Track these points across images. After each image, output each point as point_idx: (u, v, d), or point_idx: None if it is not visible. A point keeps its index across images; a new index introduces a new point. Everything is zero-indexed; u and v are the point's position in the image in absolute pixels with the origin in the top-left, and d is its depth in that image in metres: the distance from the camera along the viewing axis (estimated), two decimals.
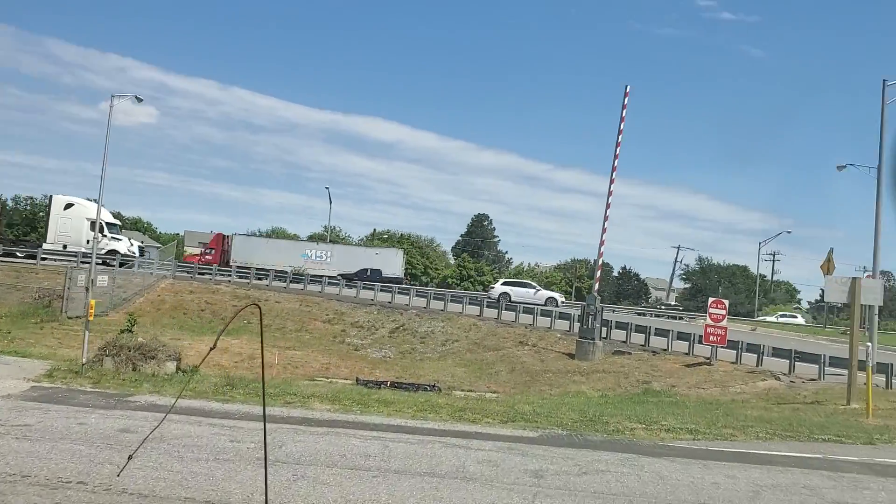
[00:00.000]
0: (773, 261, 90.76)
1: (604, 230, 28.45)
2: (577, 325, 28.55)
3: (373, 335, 31.73)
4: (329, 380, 22.87)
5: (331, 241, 65.07)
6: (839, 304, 40.07)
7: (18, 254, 43.26)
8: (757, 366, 22.92)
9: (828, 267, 34.81)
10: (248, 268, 43.85)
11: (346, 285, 39.80)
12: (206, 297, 37.32)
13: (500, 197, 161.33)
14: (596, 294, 27.92)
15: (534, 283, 49.47)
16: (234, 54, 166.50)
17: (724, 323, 23.41)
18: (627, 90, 28.32)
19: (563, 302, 45.11)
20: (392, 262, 50.99)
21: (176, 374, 14.48)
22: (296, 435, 9.28)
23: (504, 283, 46.34)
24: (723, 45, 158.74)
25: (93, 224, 40.26)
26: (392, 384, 22.04)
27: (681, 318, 51.69)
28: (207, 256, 51.00)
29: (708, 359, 23.70)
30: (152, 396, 11.88)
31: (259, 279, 41.58)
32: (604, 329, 27.77)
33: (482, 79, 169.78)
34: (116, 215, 58.11)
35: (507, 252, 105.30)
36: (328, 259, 51.18)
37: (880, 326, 66.55)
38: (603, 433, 11.21)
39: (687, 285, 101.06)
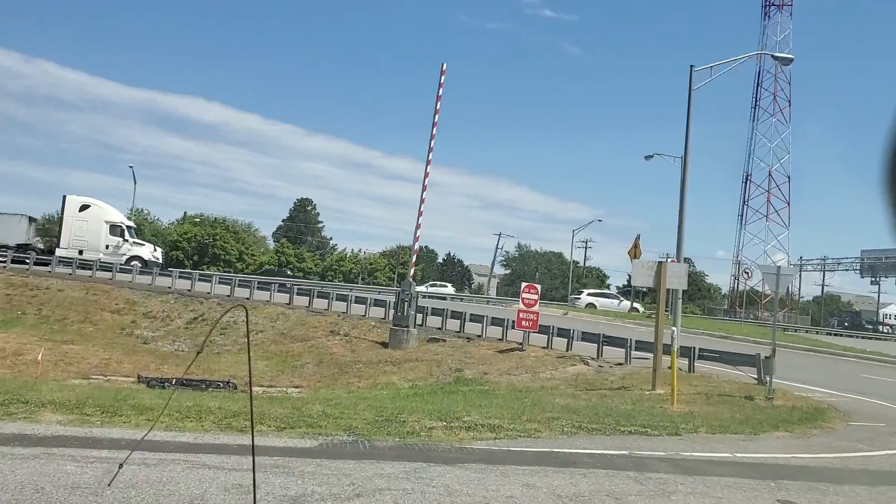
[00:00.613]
0: (586, 248, 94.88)
1: (420, 214, 27.35)
2: (393, 312, 27.27)
3: (166, 326, 28.76)
4: (106, 378, 20.10)
5: None
6: (644, 289, 41.76)
7: (27, 260, 36.97)
8: (567, 350, 22.68)
9: (635, 252, 35.83)
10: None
11: (141, 271, 36.14)
12: None
13: (329, 183, 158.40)
14: (411, 280, 26.76)
15: (617, 294, 54.28)
16: (39, 24, 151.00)
17: (536, 308, 22.98)
18: (444, 68, 27.37)
19: (639, 310, 48.03)
20: (14, 232, 42.03)
21: None
22: None
23: (589, 294, 51.65)
24: (545, 42, 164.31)
25: (112, 227, 39.61)
26: (180, 381, 19.61)
27: (487, 303, 51.98)
28: None
29: (520, 344, 23.19)
30: None
31: (42, 264, 36.68)
32: (419, 316, 26.70)
33: (311, 62, 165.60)
34: None
35: (331, 238, 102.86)
36: None
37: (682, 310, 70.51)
38: (396, 436, 9.79)
39: (507, 271, 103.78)
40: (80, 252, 38.82)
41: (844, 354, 33.54)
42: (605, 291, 59.23)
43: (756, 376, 18.64)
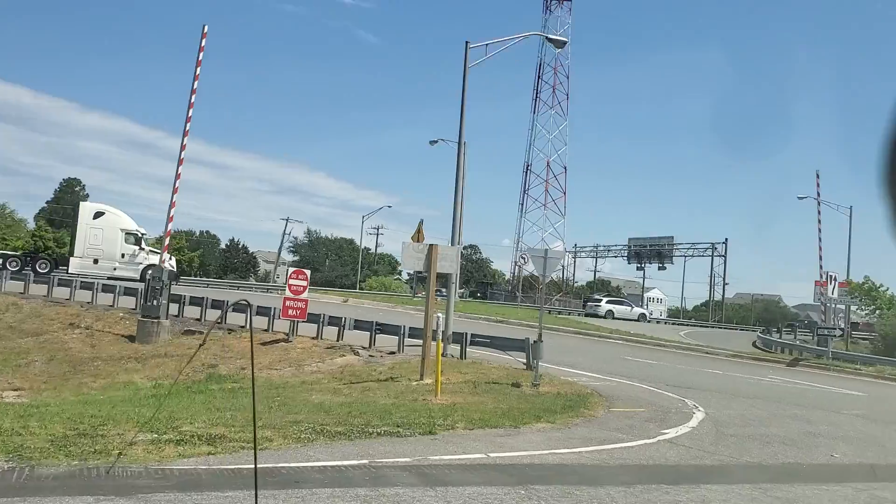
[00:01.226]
0: (378, 234, 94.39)
1: (174, 191, 24.53)
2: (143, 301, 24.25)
3: None
4: None
5: None
6: (412, 272, 41.74)
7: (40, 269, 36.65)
8: (338, 340, 21.18)
9: (418, 237, 34.89)
10: None
11: None
12: None
13: (106, 163, 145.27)
14: (165, 265, 23.93)
15: (630, 302, 59.41)
16: None
17: (305, 296, 21.19)
18: (205, 31, 24.70)
19: (651, 316, 53.45)
20: None
21: None
22: None
23: (608, 301, 57.40)
24: (343, 28, 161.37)
25: (128, 235, 38.43)
26: None
27: (268, 291, 49.39)
28: None
29: (287, 335, 21.34)
30: None
31: None
32: (175, 306, 23.96)
33: (86, 33, 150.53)
34: None
35: None
36: None
37: (467, 295, 71.67)
38: (76, 459, 7.65)
39: (296, 258, 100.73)
40: (95, 261, 37.59)
41: (611, 337, 34.98)
42: (620, 299, 64.58)
43: (525, 361, 18.20)
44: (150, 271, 34.92)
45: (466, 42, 20.53)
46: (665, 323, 64.15)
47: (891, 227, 1.60)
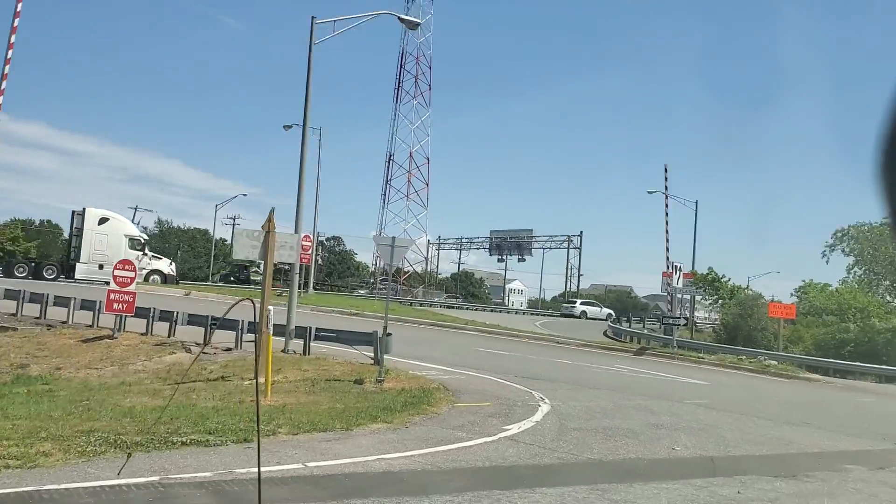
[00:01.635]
0: (234, 224, 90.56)
1: None
2: None
3: None
4: None
5: None
6: (247, 262, 41.14)
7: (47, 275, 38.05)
8: (169, 336, 19.49)
9: (269, 226, 33.33)
10: None
11: None
12: None
13: None
14: None
15: (599, 304, 62.42)
16: None
17: (132, 288, 19.37)
18: None
19: (613, 317, 52.48)
20: None
21: None
22: None
23: (582, 303, 61.34)
24: (205, 11, 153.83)
25: (132, 241, 39.41)
26: None
27: (107, 284, 47.20)
28: None
29: (113, 331, 19.43)
30: None
31: None
32: None
33: None
34: None
35: None
36: None
37: (328, 287, 69.35)
38: None
39: None
40: (101, 266, 37.98)
41: (466, 328, 34.71)
42: (592, 301, 65.75)
43: (373, 356, 17.29)
44: (153, 276, 38.50)
45: (312, 18, 19.27)
46: (530, 314, 65.20)
47: (889, 222, 1.60)
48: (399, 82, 74.63)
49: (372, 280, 79.56)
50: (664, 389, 18.57)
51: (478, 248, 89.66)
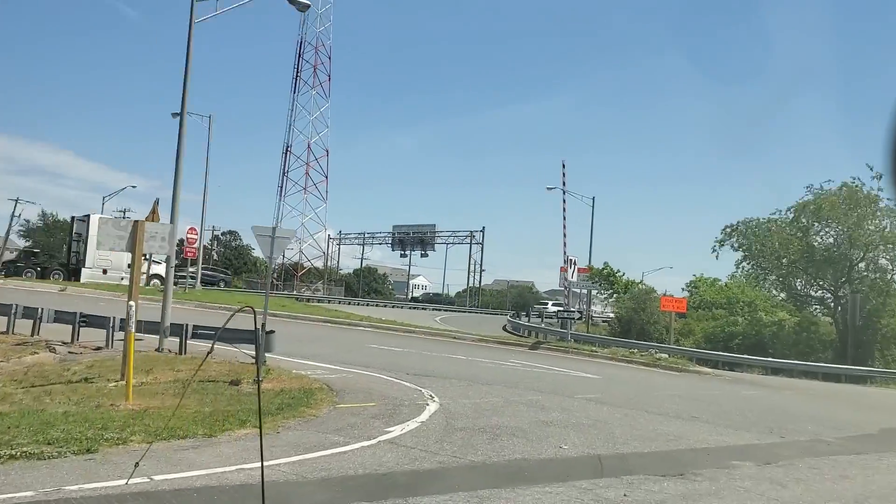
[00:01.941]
0: (124, 217, 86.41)
1: None
2: None
3: None
4: None
5: None
6: (112, 250, 39.72)
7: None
8: (33, 335, 17.94)
9: (153, 218, 31.52)
10: None
11: None
12: None
13: None
14: None
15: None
16: None
17: None
18: None
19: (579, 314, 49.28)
20: None
21: None
22: None
23: (554, 304, 62.06)
24: (101, 2, 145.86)
25: None
26: None
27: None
28: None
29: None
30: None
31: None
32: None
33: None
34: None
35: None
36: None
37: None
38: None
39: (28, 243, 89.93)
40: (105, 271, 40.07)
41: (360, 324, 33.91)
42: (558, 301, 64.68)
43: (255, 354, 16.32)
44: (154, 280, 38.38)
45: None
46: (431, 309, 64.85)
47: None
48: (297, 71, 72.83)
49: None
50: (557, 384, 18.39)
51: (381, 244, 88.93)
